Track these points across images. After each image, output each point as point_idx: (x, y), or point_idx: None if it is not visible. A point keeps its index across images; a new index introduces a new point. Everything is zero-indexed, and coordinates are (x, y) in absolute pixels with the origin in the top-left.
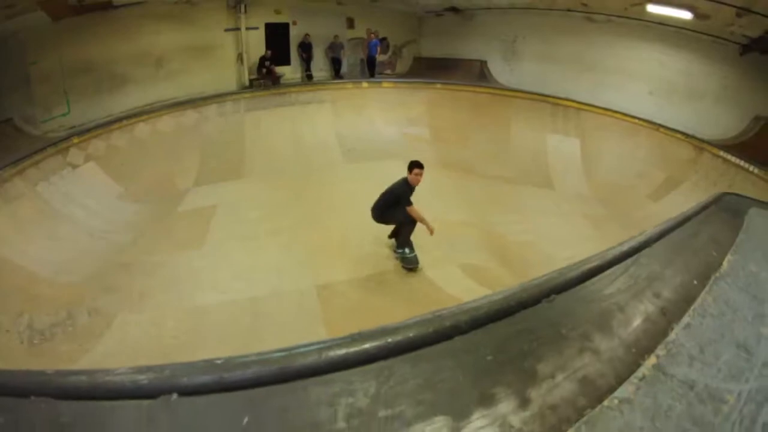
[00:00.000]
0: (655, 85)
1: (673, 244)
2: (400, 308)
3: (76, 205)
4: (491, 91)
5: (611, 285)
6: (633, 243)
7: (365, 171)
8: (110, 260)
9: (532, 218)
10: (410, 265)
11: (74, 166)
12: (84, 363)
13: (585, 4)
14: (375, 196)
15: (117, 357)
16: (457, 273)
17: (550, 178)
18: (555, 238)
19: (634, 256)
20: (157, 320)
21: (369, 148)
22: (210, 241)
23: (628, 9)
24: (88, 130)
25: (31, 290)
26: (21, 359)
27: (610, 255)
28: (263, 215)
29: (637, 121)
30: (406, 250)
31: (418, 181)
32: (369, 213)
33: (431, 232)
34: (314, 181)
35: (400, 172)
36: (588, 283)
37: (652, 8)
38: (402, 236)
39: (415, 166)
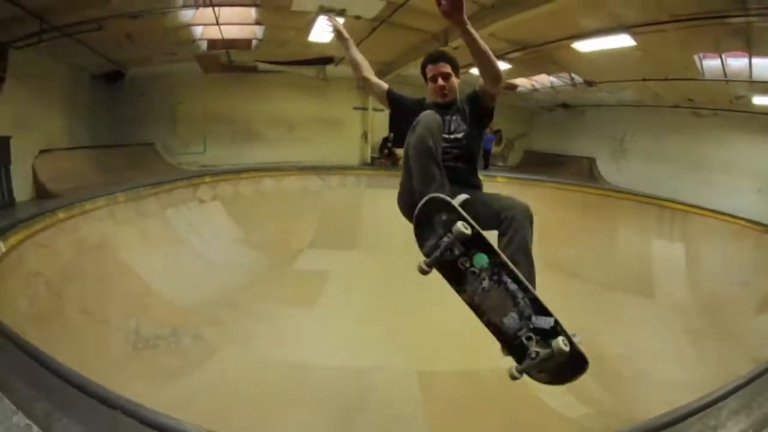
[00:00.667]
0: (765, 182)
1: None
2: (500, 415)
3: (197, 236)
4: (599, 192)
5: None
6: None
7: None
8: (221, 296)
9: (631, 329)
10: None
11: (201, 201)
12: (180, 384)
13: (691, 99)
14: None
15: (216, 391)
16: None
17: (652, 286)
18: (651, 354)
19: None
20: (261, 366)
21: None
22: (321, 303)
23: (733, 102)
24: (218, 173)
25: (143, 300)
26: (121, 358)
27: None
28: (374, 289)
29: (744, 222)
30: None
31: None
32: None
33: None
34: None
35: None
36: None
37: (759, 99)
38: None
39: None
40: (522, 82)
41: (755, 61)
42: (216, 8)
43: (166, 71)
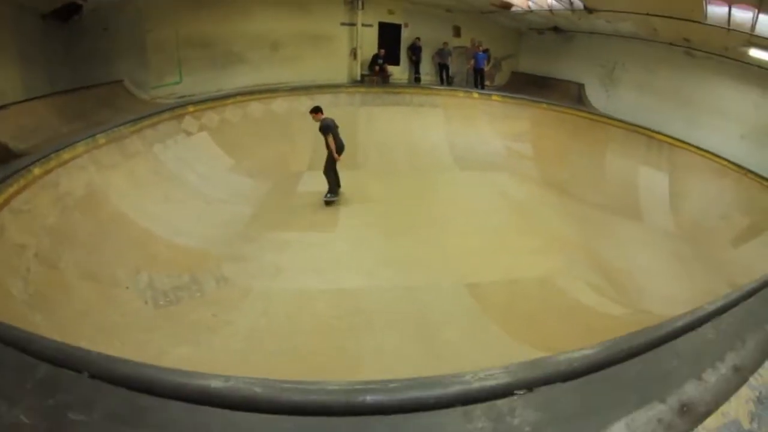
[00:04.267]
0: (748, 128)
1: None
2: (550, 313)
3: (189, 170)
4: (590, 116)
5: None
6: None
7: (476, 180)
8: (231, 230)
9: (626, 248)
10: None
11: (188, 134)
12: (225, 336)
13: (687, 39)
14: (490, 205)
15: (269, 333)
16: (586, 289)
17: (640, 210)
18: (648, 272)
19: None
20: (305, 297)
21: (477, 157)
22: (342, 225)
23: (729, 49)
24: (202, 101)
25: (147, 248)
26: (147, 322)
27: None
28: (391, 209)
29: (726, 163)
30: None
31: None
32: (489, 221)
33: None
34: (429, 183)
35: (508, 184)
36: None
37: (755, 52)
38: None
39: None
40: (518, 2)
41: (762, 17)
42: None
43: None
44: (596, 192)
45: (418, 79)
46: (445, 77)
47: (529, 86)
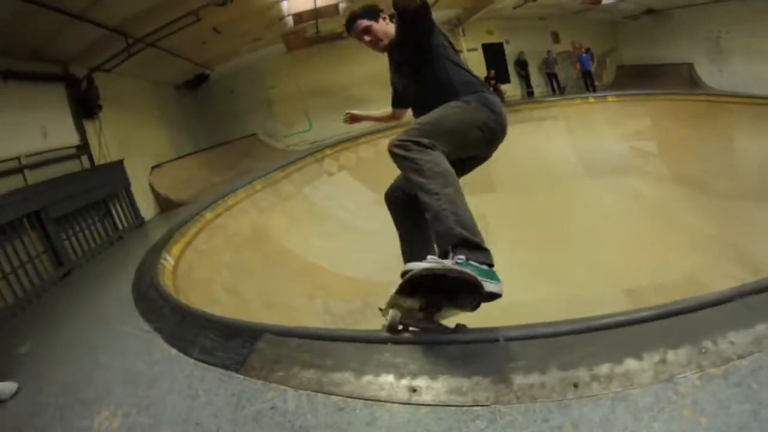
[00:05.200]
0: None
1: None
2: None
3: (338, 206)
4: (708, 98)
5: None
6: None
7: (609, 185)
8: (389, 258)
9: None
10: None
11: (330, 174)
12: None
13: None
14: (626, 209)
15: None
16: (731, 284)
17: None
18: None
19: None
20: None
21: (605, 162)
22: (493, 245)
23: None
24: (336, 144)
25: (316, 279)
26: None
27: None
28: (535, 225)
29: None
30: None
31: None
32: (628, 226)
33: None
34: (564, 195)
35: (640, 186)
36: None
37: None
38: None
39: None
40: None
41: None
42: None
43: (251, 61)
44: (731, 180)
45: (531, 93)
46: (556, 86)
47: (637, 78)
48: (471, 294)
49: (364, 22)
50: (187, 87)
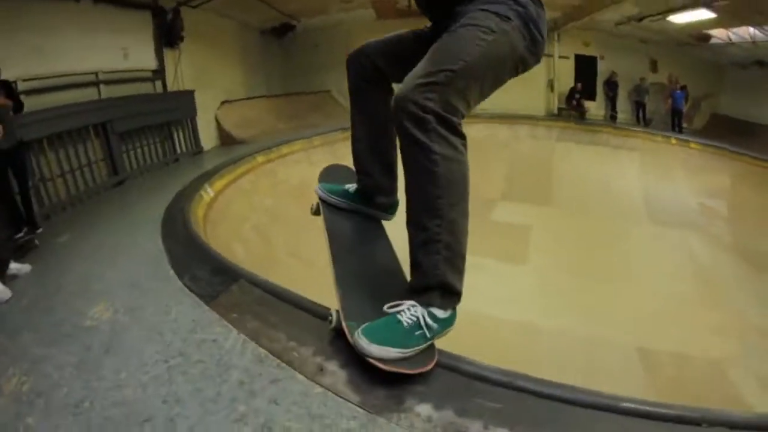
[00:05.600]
0: None
1: None
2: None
3: None
4: None
5: None
6: None
7: (667, 236)
8: None
9: None
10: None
11: None
12: None
13: None
14: (675, 267)
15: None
16: (755, 387)
17: None
18: None
19: None
20: (493, 322)
21: (670, 211)
22: (532, 261)
23: None
24: None
25: None
26: None
27: None
28: (579, 252)
29: None
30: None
31: None
32: (671, 285)
33: None
34: (619, 232)
35: (698, 246)
36: None
37: None
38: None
39: None
40: (718, 33)
41: None
42: None
43: (339, 20)
44: None
45: (614, 117)
46: (641, 116)
47: (731, 132)
48: None
49: None
50: (272, 33)
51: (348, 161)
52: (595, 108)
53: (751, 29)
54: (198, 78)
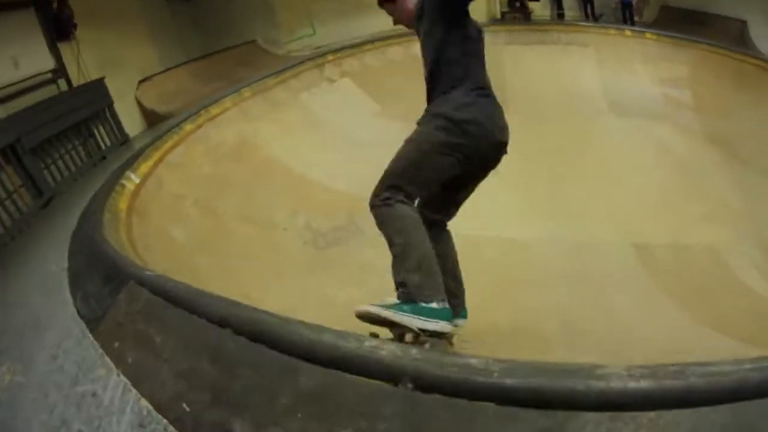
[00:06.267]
0: None
1: None
2: (719, 291)
3: (337, 115)
4: (759, 62)
5: None
6: None
7: (634, 129)
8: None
9: None
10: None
11: (331, 81)
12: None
13: None
14: (651, 159)
15: None
16: (753, 272)
17: None
18: None
19: None
20: (474, 243)
21: (633, 104)
22: (503, 171)
23: None
24: (340, 49)
25: (302, 191)
26: (308, 263)
27: None
28: (550, 156)
29: None
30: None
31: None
32: (651, 177)
33: None
34: (584, 130)
35: (669, 137)
36: None
37: None
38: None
39: None
40: None
41: None
42: None
43: None
44: (764, 153)
45: (561, 15)
46: (590, 13)
47: (682, 23)
48: (410, 330)
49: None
50: None
51: (287, 109)
52: (540, 8)
53: None
54: (106, 64)
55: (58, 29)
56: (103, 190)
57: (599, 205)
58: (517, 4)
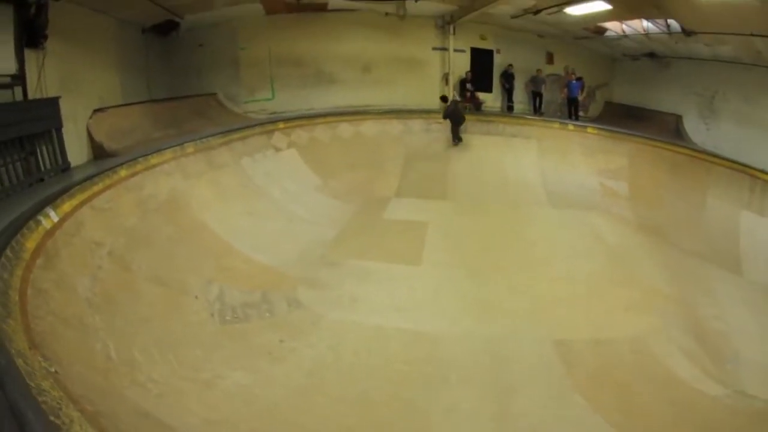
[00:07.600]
0: None
1: None
2: (642, 385)
3: (276, 186)
4: (690, 153)
5: None
6: None
7: (569, 219)
8: (312, 252)
9: (723, 305)
10: None
11: (277, 149)
12: (288, 367)
13: None
14: (583, 248)
15: (332, 370)
16: (681, 358)
17: (740, 261)
18: (747, 335)
19: None
20: (379, 336)
21: (571, 194)
22: (428, 260)
23: None
24: (293, 119)
25: (223, 261)
26: (210, 338)
27: None
28: (479, 246)
29: None
30: None
31: None
32: (581, 267)
33: None
34: (520, 220)
35: (602, 226)
36: None
37: None
38: None
39: None
40: (613, 26)
41: None
42: None
43: (225, 16)
44: (694, 238)
45: (510, 108)
46: (538, 106)
47: (624, 118)
48: None
49: None
50: (155, 32)
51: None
52: (491, 100)
53: (645, 22)
54: (66, 83)
55: (30, 34)
56: (15, 222)
57: (525, 297)
58: (468, 94)
